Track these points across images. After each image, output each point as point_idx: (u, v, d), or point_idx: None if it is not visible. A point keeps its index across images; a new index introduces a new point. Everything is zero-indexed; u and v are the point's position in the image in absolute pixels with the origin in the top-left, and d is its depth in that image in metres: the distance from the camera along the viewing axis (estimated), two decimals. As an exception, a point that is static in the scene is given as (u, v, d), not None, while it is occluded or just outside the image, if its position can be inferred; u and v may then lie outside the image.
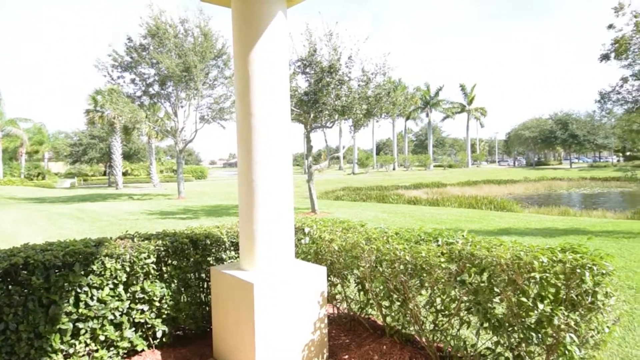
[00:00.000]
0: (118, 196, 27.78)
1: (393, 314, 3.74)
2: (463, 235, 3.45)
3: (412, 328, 3.57)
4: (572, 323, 2.70)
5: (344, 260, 3.98)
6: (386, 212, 15.99)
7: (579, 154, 79.70)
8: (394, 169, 66.09)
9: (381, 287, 3.71)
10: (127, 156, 47.07)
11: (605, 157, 78.68)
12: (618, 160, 64.79)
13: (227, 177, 62.97)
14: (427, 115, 67.75)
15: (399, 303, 3.65)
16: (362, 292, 4.10)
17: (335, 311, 4.48)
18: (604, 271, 2.78)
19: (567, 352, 2.66)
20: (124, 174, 47.04)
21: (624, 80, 10.50)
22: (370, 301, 4.03)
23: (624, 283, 5.65)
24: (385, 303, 3.81)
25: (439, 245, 3.39)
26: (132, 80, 23.02)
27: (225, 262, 4.30)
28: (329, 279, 4.32)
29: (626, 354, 3.66)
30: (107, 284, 3.51)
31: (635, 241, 8.89)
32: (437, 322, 3.44)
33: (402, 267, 3.44)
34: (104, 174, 50.23)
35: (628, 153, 55.11)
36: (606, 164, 65.46)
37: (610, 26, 10.33)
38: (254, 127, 3.35)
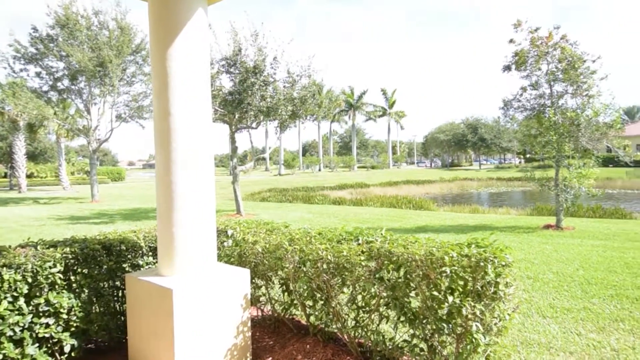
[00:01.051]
0: (21, 200, 25.21)
1: (316, 313, 3.80)
2: (382, 234, 3.59)
3: (334, 326, 3.65)
4: (478, 312, 2.93)
5: (268, 262, 3.97)
6: (312, 212, 16.18)
7: (487, 156, 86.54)
8: (319, 170, 67.05)
9: (305, 287, 3.74)
10: (32, 156, 42.83)
11: (510, 158, 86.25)
12: (520, 162, 71.27)
13: (148, 179, 59.72)
14: (351, 117, 69.62)
15: (322, 302, 3.71)
16: (286, 293, 4.12)
17: (260, 313, 4.44)
18: (504, 263, 3.04)
19: (473, 339, 2.87)
20: (29, 176, 42.66)
21: (523, 89, 11.60)
22: (295, 301, 4.05)
23: (523, 273, 6.24)
24: (309, 302, 3.86)
25: (359, 244, 3.50)
26: (38, 74, 21.08)
27: (142, 269, 4.09)
28: (253, 281, 4.28)
29: (525, 338, 4.04)
30: (5, 297, 3.18)
31: (533, 235, 9.86)
32: (358, 318, 3.55)
33: (325, 266, 3.50)
34: (5, 176, 45.29)
35: (528, 155, 60.92)
36: (510, 165, 71.77)
37: (511, 40, 11.37)
38: (172, 127, 3.23)
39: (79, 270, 3.65)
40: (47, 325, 3.37)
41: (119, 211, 17.81)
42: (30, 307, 3.31)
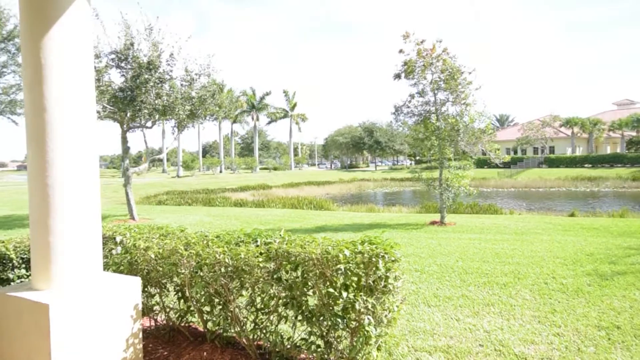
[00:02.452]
0: None
1: (214, 318, 3.71)
2: (280, 235, 3.63)
3: (233, 330, 3.59)
4: (370, 306, 3.10)
5: (162, 268, 3.77)
6: (212, 215, 15.72)
7: (382, 158, 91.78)
8: (220, 171, 65.36)
9: (202, 293, 3.63)
10: None
11: (402, 160, 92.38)
12: (411, 164, 76.80)
13: (23, 182, 52.94)
14: (253, 118, 69.04)
15: (220, 307, 3.63)
16: (182, 300, 3.95)
17: (153, 323, 4.21)
18: (393, 258, 3.26)
19: (365, 332, 3.04)
20: None
21: (412, 96, 12.55)
22: (191, 308, 3.91)
23: (411, 267, 6.74)
24: (207, 308, 3.75)
25: (257, 246, 3.49)
26: None
27: (13, 283, 3.63)
28: (146, 289, 4.04)
29: (413, 327, 4.37)
30: None
31: (421, 231, 10.70)
32: (257, 320, 3.54)
33: (222, 270, 3.43)
34: None
35: (417, 158, 65.98)
36: (402, 166, 76.95)
37: (401, 50, 12.24)
38: (48, 124, 2.92)
39: None
40: None
41: (-16, 219, 15.54)
42: None
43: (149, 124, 14.75)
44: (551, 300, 5.03)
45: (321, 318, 3.23)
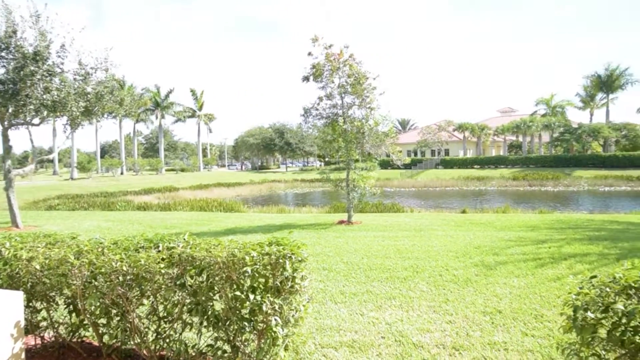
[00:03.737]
0: None
1: (111, 331, 3.46)
2: (184, 239, 3.51)
3: (132, 342, 3.39)
4: (277, 307, 3.13)
5: (49, 280, 3.44)
6: (111, 220, 14.63)
7: (293, 159, 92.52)
8: (122, 173, 60.98)
9: (97, 304, 3.38)
10: None
11: (312, 161, 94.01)
12: (321, 165, 78.43)
13: None
14: (157, 117, 65.50)
15: (118, 318, 3.41)
16: (74, 314, 3.64)
17: (39, 341, 3.81)
18: (300, 258, 3.32)
19: (273, 333, 3.06)
20: None
21: (320, 99, 12.86)
22: (85, 322, 3.61)
23: (320, 265, 6.91)
24: (103, 320, 3.50)
25: (159, 251, 3.34)
26: None
27: None
28: (30, 304, 3.65)
29: (320, 325, 4.48)
30: None
31: (329, 230, 11.00)
32: (160, 330, 3.38)
33: (120, 278, 3.23)
34: None
35: (326, 159, 67.68)
36: (312, 167, 78.34)
37: (309, 53, 12.49)
38: None
39: None
40: None
41: None
42: None
43: (35, 120, 13.28)
44: (445, 290, 5.49)
45: (228, 322, 3.19)
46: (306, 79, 12.77)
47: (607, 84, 53.36)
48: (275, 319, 3.09)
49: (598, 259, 6.80)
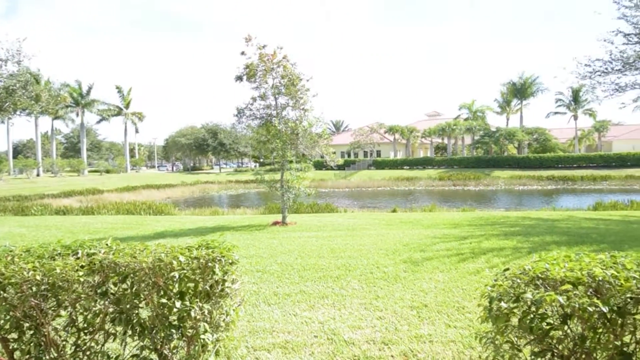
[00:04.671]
0: None
1: (23, 346, 3.19)
2: (107, 244, 3.32)
3: (48, 357, 3.14)
4: (207, 312, 3.06)
5: (-53, 295, 3.09)
6: (25, 226, 13.44)
7: (227, 160, 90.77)
8: (38, 175, 56.15)
9: (7, 318, 3.09)
10: None
11: (247, 162, 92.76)
12: (255, 166, 77.65)
13: None
14: (78, 115, 61.17)
15: (31, 332, 3.14)
16: (-23, 330, 3.29)
17: None
18: (231, 261, 3.28)
19: (202, 339, 2.98)
20: None
21: (254, 99, 12.74)
22: (-9, 338, 3.29)
23: (253, 267, 6.84)
24: (14, 335, 3.20)
25: (78, 258, 3.13)
26: None
27: None
28: None
29: (253, 327, 4.44)
30: None
31: (264, 232, 10.93)
32: (79, 342, 3.17)
33: (33, 289, 2.98)
34: None
35: (261, 160, 67.18)
36: (247, 168, 77.36)
37: (242, 53, 12.33)
38: None
39: None
40: None
41: None
42: None
43: None
44: (375, 287, 5.67)
45: (154, 330, 3.06)
46: (239, 78, 12.60)
47: (521, 91, 58.05)
48: (205, 325, 3.03)
49: (512, 253, 7.38)
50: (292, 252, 8.03)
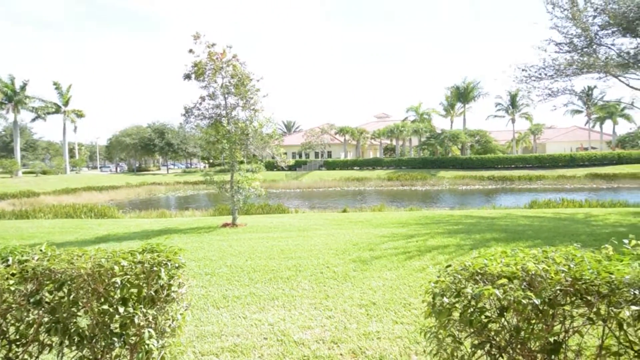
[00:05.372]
0: None
1: (-55, 363, 2.94)
2: (41, 250, 3.12)
3: (-27, 373, 2.92)
4: (151, 318, 2.96)
5: None
6: (-54, 232, 12.34)
7: (175, 161, 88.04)
8: (-38, 176, 51.74)
9: None
10: None
11: (196, 163, 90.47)
12: (205, 166, 75.90)
13: None
14: (10, 112, 56.93)
15: (-46, 347, 2.90)
16: None
17: None
18: (177, 265, 3.19)
19: (146, 347, 2.88)
20: None
21: (202, 99, 12.43)
22: None
23: (202, 270, 6.69)
24: None
25: (9, 266, 2.93)
26: None
27: None
28: None
29: (201, 332, 4.34)
30: None
31: (213, 234, 10.71)
32: (11, 355, 2.96)
33: (-44, 300, 2.75)
34: None
35: (211, 160, 65.68)
36: (196, 169, 75.43)
37: (191, 51, 12.00)
38: None
39: None
40: None
41: None
42: None
43: None
44: (325, 287, 5.72)
45: (94, 340, 2.92)
46: (188, 77, 12.26)
47: (464, 95, 60.59)
48: (149, 331, 2.93)
49: (456, 250, 7.70)
50: (242, 254, 7.93)
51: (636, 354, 2.68)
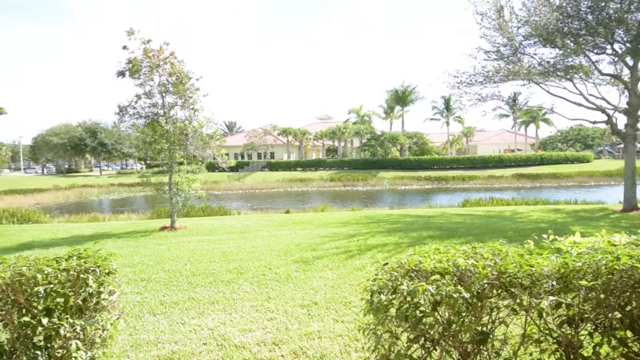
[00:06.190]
0: None
1: None
2: (-50, 261, 2.85)
3: None
4: (79, 328, 2.79)
5: None
6: None
7: (109, 162, 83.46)
8: None
9: None
10: None
11: (132, 164, 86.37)
12: (142, 168, 72.64)
13: None
14: None
15: None
16: None
17: None
18: (107, 271, 3.03)
19: (73, 359, 2.71)
20: None
21: (138, 97, 11.87)
22: None
23: (137, 276, 6.40)
24: None
25: None
26: None
27: None
28: None
29: (136, 341, 4.15)
30: None
31: (150, 238, 10.28)
32: None
33: None
34: None
35: (148, 161, 63.07)
36: (132, 170, 72.02)
37: (125, 47, 11.44)
38: None
39: None
40: None
41: None
42: None
43: None
44: (267, 289, 5.68)
45: (15, 354, 2.71)
46: (121, 74, 11.68)
47: (402, 98, 62.73)
48: (77, 343, 2.76)
49: (394, 248, 7.95)
50: (181, 257, 7.68)
51: (555, 341, 2.92)
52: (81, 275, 2.79)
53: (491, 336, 2.79)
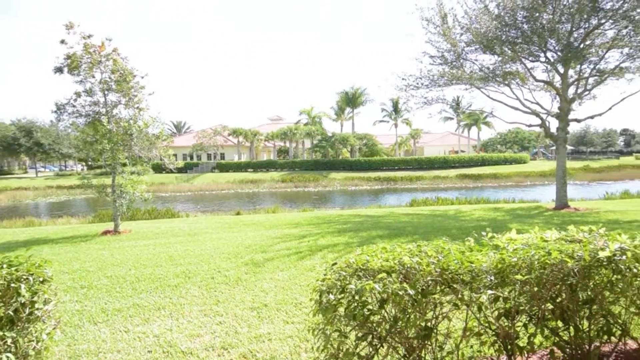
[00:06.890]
0: None
1: None
2: None
3: None
4: (10, 341, 2.61)
5: None
6: None
7: (46, 163, 78.44)
8: None
9: None
10: None
11: (71, 165, 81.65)
12: (83, 169, 68.83)
13: None
14: None
15: None
16: None
17: None
18: (42, 279, 2.86)
19: (3, 373, 2.53)
20: None
21: (78, 95, 11.25)
22: None
23: (77, 283, 6.08)
24: None
25: None
26: None
27: None
28: None
29: (74, 352, 3.94)
30: None
31: (92, 242, 9.79)
32: None
33: None
34: None
35: (90, 162, 59.88)
36: (72, 172, 68.06)
37: (63, 41, 10.81)
38: None
39: None
40: None
41: None
42: None
43: None
44: (216, 292, 5.57)
45: None
46: (59, 70, 11.04)
47: (352, 100, 63.72)
48: (8, 356, 2.57)
49: (344, 248, 8.05)
50: (125, 262, 7.37)
51: (494, 333, 3.08)
52: (12, 285, 2.61)
53: (435, 331, 2.90)
